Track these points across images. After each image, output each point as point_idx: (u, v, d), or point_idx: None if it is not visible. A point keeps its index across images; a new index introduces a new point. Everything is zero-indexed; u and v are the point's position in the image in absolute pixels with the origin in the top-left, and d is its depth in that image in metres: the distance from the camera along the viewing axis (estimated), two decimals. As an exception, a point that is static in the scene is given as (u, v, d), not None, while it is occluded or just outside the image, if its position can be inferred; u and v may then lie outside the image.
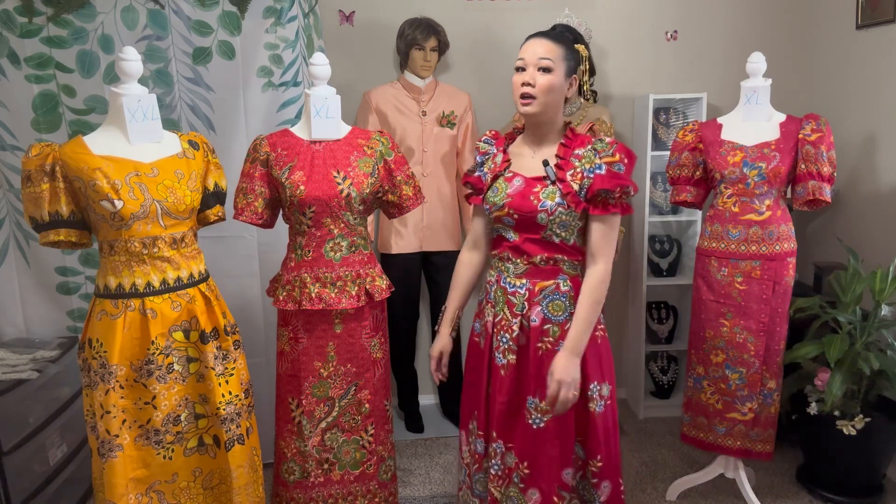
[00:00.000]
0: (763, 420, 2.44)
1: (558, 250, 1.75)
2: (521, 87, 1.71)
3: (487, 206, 1.79)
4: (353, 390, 2.14)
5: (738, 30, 3.31)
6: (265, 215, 2.11)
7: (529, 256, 1.75)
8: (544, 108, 1.72)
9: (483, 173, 1.85)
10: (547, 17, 3.16)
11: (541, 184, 1.73)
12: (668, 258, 3.34)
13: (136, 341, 1.79)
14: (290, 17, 2.51)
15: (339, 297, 2.05)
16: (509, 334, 1.78)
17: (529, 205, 1.71)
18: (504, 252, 1.80)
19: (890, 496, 2.61)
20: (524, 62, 1.71)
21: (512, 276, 1.78)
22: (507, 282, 1.79)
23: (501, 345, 1.79)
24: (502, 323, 1.79)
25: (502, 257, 1.81)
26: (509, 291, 1.78)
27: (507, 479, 1.81)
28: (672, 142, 2.57)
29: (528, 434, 1.77)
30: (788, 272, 2.35)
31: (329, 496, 2.18)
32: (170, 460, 1.86)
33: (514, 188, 1.74)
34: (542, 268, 1.76)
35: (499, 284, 1.81)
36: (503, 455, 1.81)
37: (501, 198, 1.75)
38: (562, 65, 1.70)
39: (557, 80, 1.70)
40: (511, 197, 1.74)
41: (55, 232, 1.80)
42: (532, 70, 1.70)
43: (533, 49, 1.70)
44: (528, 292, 1.76)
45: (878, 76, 2.84)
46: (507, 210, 1.74)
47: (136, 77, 1.82)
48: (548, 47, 1.69)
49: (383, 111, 3.00)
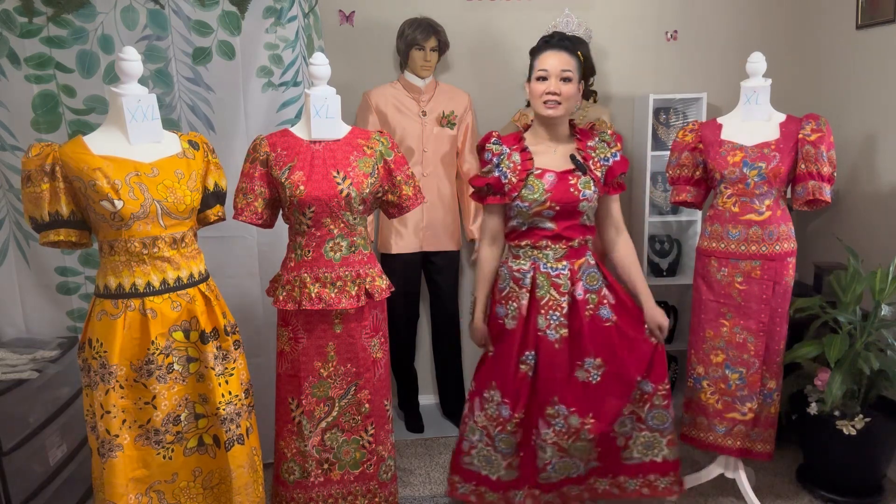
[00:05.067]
0: (763, 420, 2.44)
1: (588, 231, 2.11)
2: (545, 95, 1.99)
3: (525, 202, 2.02)
4: (353, 390, 2.14)
5: (738, 30, 3.31)
6: (265, 215, 2.11)
7: (569, 241, 2.06)
8: (566, 111, 2.03)
9: (503, 173, 2.05)
10: (547, 17, 3.16)
11: (573, 176, 2.03)
12: (668, 258, 3.34)
13: (136, 341, 1.79)
14: (290, 17, 2.51)
15: (338, 297, 2.05)
16: (559, 312, 2.07)
17: (571, 196, 2.02)
18: (541, 241, 2.06)
19: (890, 496, 2.61)
20: (547, 73, 2.00)
21: (552, 260, 2.07)
22: (548, 266, 2.07)
23: (552, 322, 2.07)
24: (549, 304, 2.07)
25: (538, 246, 2.07)
26: (553, 275, 2.07)
27: (575, 435, 2.10)
28: (672, 142, 2.57)
29: (588, 391, 2.10)
30: (788, 272, 2.35)
31: (329, 496, 2.18)
32: (170, 460, 1.86)
33: (550, 183, 2.02)
34: (577, 248, 2.09)
35: (538, 271, 2.07)
36: (566, 416, 2.09)
37: (541, 193, 2.01)
38: (577, 74, 2.02)
39: (575, 88, 2.02)
40: (550, 191, 2.01)
41: (55, 232, 1.80)
42: (554, 80, 1.99)
43: (555, 62, 1.99)
44: (571, 272, 2.07)
45: (878, 76, 2.84)
46: (549, 204, 2.01)
47: (136, 77, 1.82)
48: (567, 60, 2.00)
49: (383, 111, 3.00)
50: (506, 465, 2.18)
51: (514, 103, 3.17)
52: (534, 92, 2.03)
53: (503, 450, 2.16)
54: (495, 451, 2.17)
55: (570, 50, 2.01)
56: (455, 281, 3.23)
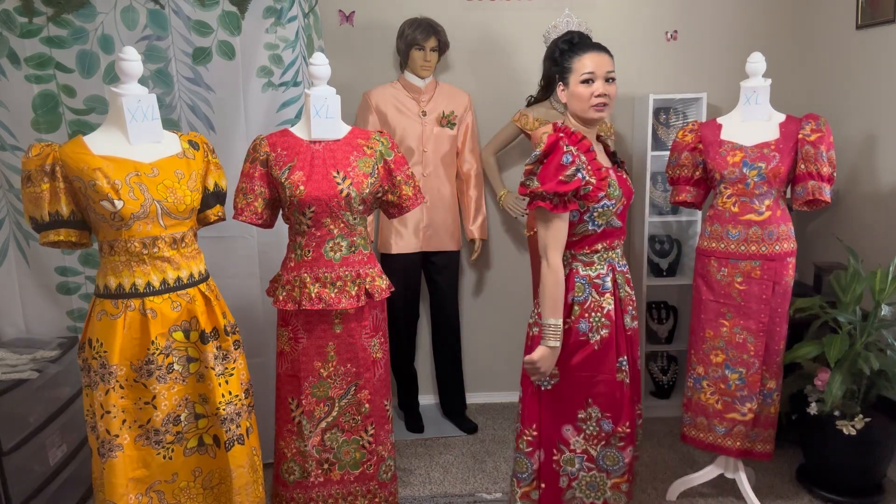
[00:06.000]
0: (763, 420, 2.44)
1: None
2: (594, 98, 1.92)
3: (612, 200, 1.93)
4: (353, 390, 2.14)
5: (738, 30, 3.31)
6: (265, 215, 2.11)
7: (625, 235, 2.05)
8: (610, 111, 2.00)
9: (582, 176, 1.89)
10: (547, 16, 3.16)
11: (621, 171, 2.04)
12: (668, 258, 3.34)
13: (136, 341, 1.79)
14: (290, 17, 2.51)
15: (338, 297, 2.05)
16: (632, 305, 2.08)
17: (631, 190, 2.04)
18: (614, 241, 2.01)
19: (890, 496, 2.61)
20: (594, 75, 1.92)
21: (619, 258, 2.05)
22: (620, 265, 2.04)
23: (628, 313, 2.06)
24: (626, 300, 2.06)
25: (612, 246, 2.01)
26: (625, 272, 2.06)
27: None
28: (672, 142, 2.57)
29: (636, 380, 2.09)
30: (788, 272, 2.35)
31: (329, 496, 2.18)
32: (170, 460, 1.87)
33: (618, 180, 1.99)
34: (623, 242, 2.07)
35: (616, 272, 2.02)
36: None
37: (619, 191, 1.96)
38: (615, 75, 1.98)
39: (615, 88, 1.97)
40: (622, 187, 1.98)
41: (55, 232, 1.80)
42: (601, 82, 1.92)
43: (601, 63, 1.94)
44: (626, 267, 2.08)
45: (878, 76, 2.84)
46: (623, 200, 1.98)
47: (136, 77, 1.82)
48: (609, 61, 1.96)
49: (383, 111, 3.00)
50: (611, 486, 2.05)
51: (514, 103, 3.17)
52: (580, 95, 1.91)
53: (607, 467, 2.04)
54: (599, 470, 2.05)
55: (608, 51, 1.97)
56: (455, 281, 3.23)
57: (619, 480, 2.05)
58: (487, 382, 3.56)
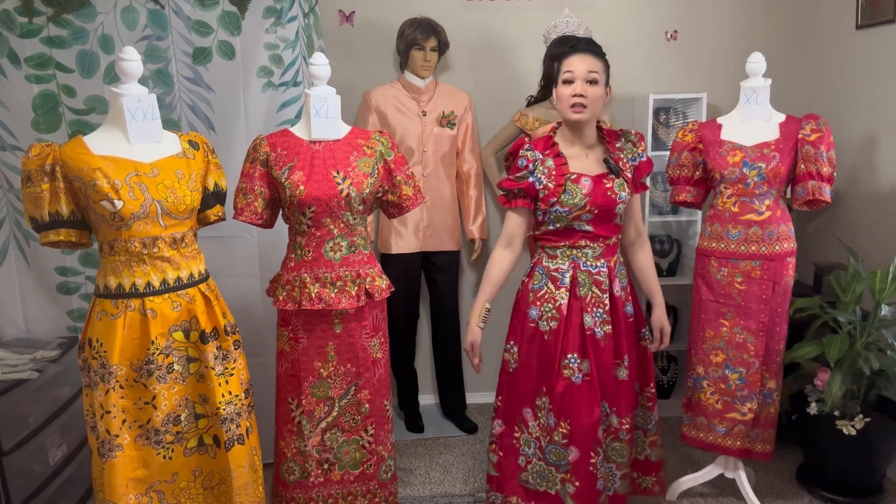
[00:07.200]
0: (763, 420, 2.44)
1: (619, 229, 2.09)
2: (572, 98, 1.92)
3: (565, 207, 1.97)
4: (353, 390, 2.14)
5: (738, 30, 3.31)
6: (265, 215, 2.11)
7: (605, 239, 2.04)
8: (592, 115, 1.97)
9: (537, 179, 2.00)
10: (547, 16, 3.16)
11: (608, 179, 2.00)
12: (668, 258, 3.34)
13: (136, 341, 1.79)
14: (290, 17, 2.51)
15: (338, 297, 2.05)
16: (602, 308, 2.04)
17: (609, 199, 1.99)
18: (579, 240, 2.03)
19: (890, 496, 2.61)
20: (573, 75, 1.92)
21: (591, 259, 2.04)
22: (588, 265, 2.04)
23: (596, 319, 2.04)
24: (592, 301, 2.04)
25: (577, 245, 2.03)
26: (594, 272, 2.04)
27: (614, 435, 2.11)
28: (672, 142, 2.57)
29: (620, 389, 2.09)
30: (788, 272, 2.35)
31: (329, 496, 2.18)
32: (170, 460, 1.87)
33: (588, 188, 1.98)
34: (611, 246, 2.07)
35: (578, 269, 2.04)
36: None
37: (580, 198, 1.97)
38: (603, 77, 1.96)
39: (601, 91, 1.95)
40: (589, 196, 1.97)
41: (55, 232, 1.80)
42: (580, 83, 1.92)
43: (581, 63, 1.92)
44: (609, 269, 2.06)
45: (878, 76, 2.84)
46: (589, 208, 1.98)
47: (136, 77, 1.82)
48: (593, 62, 1.93)
49: (383, 111, 3.00)
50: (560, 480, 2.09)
51: (514, 103, 3.17)
52: (560, 96, 1.96)
53: (554, 461, 2.08)
54: (547, 464, 2.10)
55: (596, 53, 1.96)
56: (455, 281, 3.23)
57: (566, 477, 2.07)
58: (487, 382, 3.55)
